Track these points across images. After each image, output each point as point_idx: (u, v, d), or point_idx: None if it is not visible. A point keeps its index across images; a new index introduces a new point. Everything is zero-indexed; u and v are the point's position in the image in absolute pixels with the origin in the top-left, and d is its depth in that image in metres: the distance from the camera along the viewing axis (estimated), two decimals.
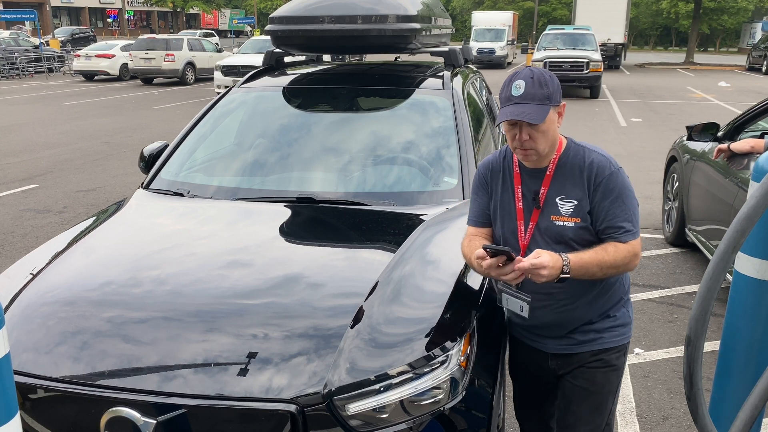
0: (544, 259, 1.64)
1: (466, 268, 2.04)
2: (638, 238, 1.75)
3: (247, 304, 1.90)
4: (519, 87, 1.66)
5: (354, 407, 1.65)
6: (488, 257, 1.65)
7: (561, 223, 1.76)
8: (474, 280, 2.07)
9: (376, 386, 1.67)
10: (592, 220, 1.75)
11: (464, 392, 1.77)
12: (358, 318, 1.82)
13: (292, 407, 1.60)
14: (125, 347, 1.77)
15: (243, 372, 1.67)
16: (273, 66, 3.62)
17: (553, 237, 1.77)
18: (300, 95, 3.31)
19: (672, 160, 5.25)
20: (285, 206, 2.56)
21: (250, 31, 48.45)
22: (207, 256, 2.19)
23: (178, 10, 41.92)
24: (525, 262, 1.64)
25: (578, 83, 15.46)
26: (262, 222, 2.47)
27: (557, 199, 1.76)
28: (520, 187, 1.82)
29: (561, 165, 1.78)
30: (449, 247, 2.12)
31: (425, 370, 1.72)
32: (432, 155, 2.85)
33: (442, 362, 1.75)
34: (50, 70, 22.62)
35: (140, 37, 20.72)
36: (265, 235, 2.36)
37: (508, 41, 28.57)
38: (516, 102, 1.65)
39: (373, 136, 3.01)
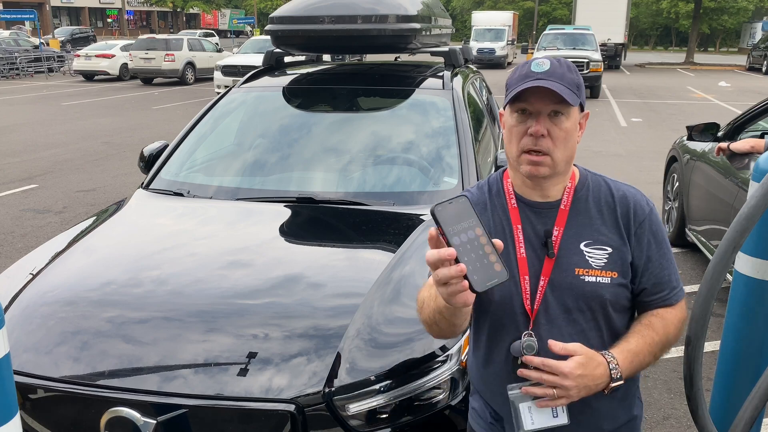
0: (572, 365, 1.15)
1: None
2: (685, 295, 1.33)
3: (248, 304, 1.90)
4: (542, 64, 1.23)
5: (354, 407, 1.65)
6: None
7: (593, 279, 1.23)
8: None
9: (376, 386, 1.67)
10: (633, 275, 1.27)
11: (464, 392, 1.77)
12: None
13: (292, 407, 1.60)
14: (125, 347, 1.77)
15: (243, 372, 1.67)
16: (273, 66, 3.62)
17: (579, 300, 1.24)
18: (300, 95, 3.31)
19: (672, 160, 5.25)
20: (285, 206, 2.56)
21: (250, 31, 48.46)
22: (207, 256, 2.19)
23: (178, 10, 41.95)
24: (540, 360, 1.17)
25: None
26: (263, 222, 2.47)
27: (582, 246, 1.25)
28: (520, 226, 1.27)
29: (579, 198, 1.29)
30: None
31: (425, 370, 1.72)
32: (432, 155, 2.85)
33: (442, 362, 1.75)
34: (50, 70, 22.62)
35: (140, 37, 20.73)
36: (265, 236, 2.36)
37: (508, 41, 28.58)
38: (539, 78, 1.20)
39: (373, 136, 3.01)
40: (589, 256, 1.25)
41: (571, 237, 1.27)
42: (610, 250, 1.26)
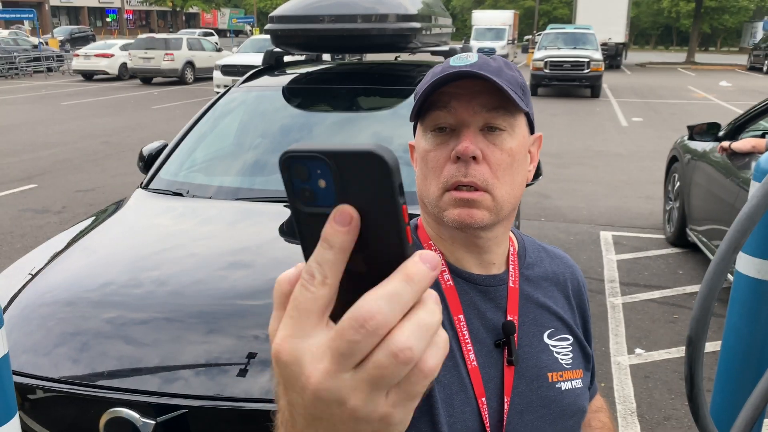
0: None
1: None
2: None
3: (248, 305, 1.90)
4: (468, 57, 0.83)
5: None
6: None
7: (569, 386, 0.88)
8: None
9: None
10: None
11: None
12: None
13: None
14: (125, 348, 1.76)
15: (243, 373, 1.66)
16: (272, 65, 3.62)
17: (557, 421, 0.86)
18: (300, 95, 3.30)
19: (673, 160, 5.25)
20: (285, 206, 2.55)
21: (250, 30, 48.44)
22: (207, 257, 2.19)
23: (178, 9, 41.92)
24: None
25: (579, 83, 15.47)
26: (263, 222, 2.46)
27: (545, 338, 0.89)
28: (463, 317, 0.84)
29: (527, 266, 0.92)
30: None
31: None
32: None
33: None
34: (49, 69, 22.60)
35: (139, 36, 20.72)
36: (265, 236, 2.35)
37: (508, 41, 28.56)
38: (466, 70, 0.79)
39: (373, 136, 3.00)
40: (557, 352, 0.89)
41: (530, 327, 0.88)
42: (571, 338, 0.91)
